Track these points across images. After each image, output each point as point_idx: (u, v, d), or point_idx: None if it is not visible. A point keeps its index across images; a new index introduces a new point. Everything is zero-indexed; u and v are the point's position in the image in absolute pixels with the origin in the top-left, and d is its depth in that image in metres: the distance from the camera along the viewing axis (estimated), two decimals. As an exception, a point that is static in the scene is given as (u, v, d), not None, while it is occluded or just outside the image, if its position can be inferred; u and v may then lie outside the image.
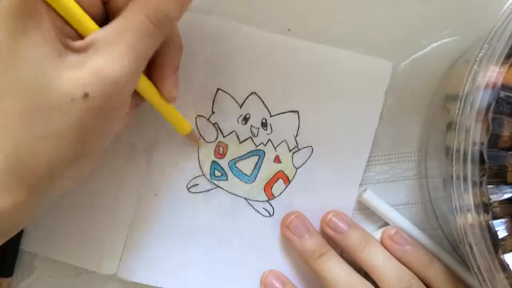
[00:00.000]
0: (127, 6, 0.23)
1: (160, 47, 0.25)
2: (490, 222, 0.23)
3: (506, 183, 0.26)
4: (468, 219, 0.24)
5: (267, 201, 0.32)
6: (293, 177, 0.31)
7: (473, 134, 0.23)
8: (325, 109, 0.31)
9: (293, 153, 0.31)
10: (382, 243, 0.30)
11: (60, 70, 0.21)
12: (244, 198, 0.32)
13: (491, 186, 0.25)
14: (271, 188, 0.31)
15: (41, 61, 0.21)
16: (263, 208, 0.32)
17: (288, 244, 0.31)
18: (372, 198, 0.31)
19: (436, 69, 0.31)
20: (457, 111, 0.24)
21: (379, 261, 0.29)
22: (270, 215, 0.32)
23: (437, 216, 0.31)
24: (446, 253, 0.31)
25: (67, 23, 0.22)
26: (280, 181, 0.31)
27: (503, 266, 0.23)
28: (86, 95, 0.21)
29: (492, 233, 0.23)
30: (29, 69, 0.21)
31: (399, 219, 0.31)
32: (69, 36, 0.23)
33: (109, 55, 0.22)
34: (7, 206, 0.22)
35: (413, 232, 0.31)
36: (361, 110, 0.31)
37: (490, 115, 0.23)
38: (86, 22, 0.23)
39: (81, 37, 0.23)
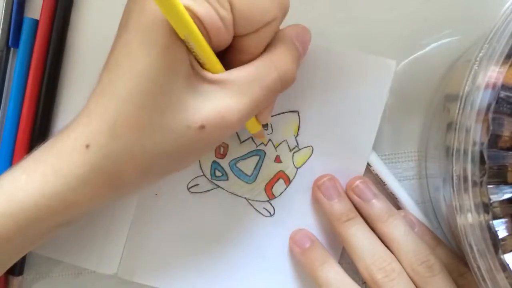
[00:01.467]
0: (262, 57, 0.24)
1: None
2: (490, 222, 0.23)
3: (506, 183, 0.26)
4: (468, 219, 0.24)
5: (267, 201, 0.32)
6: (294, 177, 0.31)
7: (473, 134, 0.23)
8: (325, 109, 0.31)
9: (294, 153, 0.31)
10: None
11: (187, 94, 0.22)
12: (245, 198, 0.32)
13: (491, 186, 0.25)
14: (272, 188, 0.32)
15: (174, 82, 0.22)
16: (263, 208, 0.32)
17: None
18: (378, 164, 0.31)
19: (436, 69, 0.31)
20: (457, 111, 0.24)
21: (400, 232, 0.29)
22: (271, 215, 0.32)
23: (437, 216, 0.31)
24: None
25: (195, 59, 0.23)
26: (281, 181, 0.31)
27: (503, 266, 0.23)
28: (202, 127, 0.23)
29: (492, 233, 0.23)
30: (162, 88, 0.22)
31: (398, 189, 0.32)
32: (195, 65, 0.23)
33: (235, 99, 0.23)
34: (82, 199, 0.23)
35: (411, 207, 0.31)
36: (362, 109, 0.31)
37: (490, 115, 0.23)
38: (215, 60, 0.23)
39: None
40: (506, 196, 0.26)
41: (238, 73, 0.24)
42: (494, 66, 0.23)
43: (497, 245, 0.23)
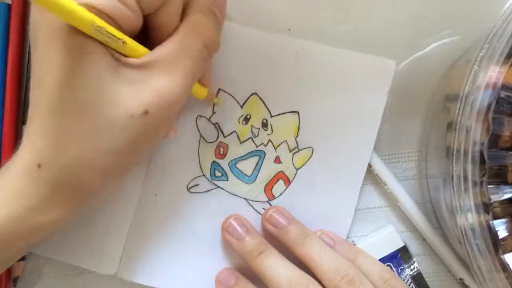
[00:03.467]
0: (181, 29, 0.24)
1: None
2: (491, 222, 0.23)
3: (506, 183, 0.26)
4: (468, 219, 0.24)
5: (267, 201, 0.32)
6: (294, 177, 0.31)
7: (473, 134, 0.23)
8: (325, 110, 0.31)
9: (294, 153, 0.31)
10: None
11: (119, 85, 0.22)
12: (245, 198, 0.32)
13: (491, 186, 0.25)
14: (272, 188, 0.32)
15: (101, 78, 0.22)
16: (263, 208, 0.32)
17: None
18: (378, 164, 0.31)
19: (436, 69, 0.31)
20: (457, 111, 0.24)
21: (316, 252, 0.29)
22: (271, 216, 0.32)
23: (437, 216, 0.31)
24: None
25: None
26: (281, 181, 0.31)
27: (503, 266, 0.23)
28: (146, 112, 0.22)
29: (492, 233, 0.23)
30: (90, 86, 0.22)
31: (398, 189, 0.31)
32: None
33: (169, 76, 0.23)
34: (55, 217, 0.23)
35: (411, 207, 0.31)
36: (363, 110, 0.31)
37: (491, 115, 0.23)
38: (135, 46, 0.23)
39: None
40: (506, 196, 0.26)
41: (162, 50, 0.23)
42: (494, 66, 0.23)
43: (497, 245, 0.23)
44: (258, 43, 0.30)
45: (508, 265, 0.23)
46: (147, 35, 0.25)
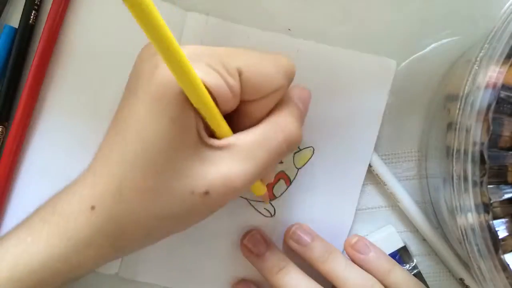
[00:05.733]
0: (267, 120, 0.24)
1: None
2: (491, 222, 0.23)
3: (506, 183, 0.26)
4: (468, 219, 0.24)
5: (268, 201, 0.32)
6: (294, 177, 0.31)
7: (473, 134, 0.23)
8: (326, 109, 0.31)
9: (294, 153, 0.31)
10: (345, 251, 0.31)
11: (192, 161, 0.22)
12: (246, 198, 0.32)
13: (491, 186, 0.25)
14: (272, 188, 0.32)
15: (180, 150, 0.22)
16: (264, 208, 0.32)
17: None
18: (378, 164, 0.31)
19: (436, 69, 0.31)
20: (457, 111, 0.24)
21: (340, 268, 0.29)
22: (272, 216, 0.32)
23: (437, 216, 0.31)
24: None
25: (203, 121, 0.23)
26: (281, 181, 0.32)
27: (503, 266, 0.23)
28: (206, 193, 0.22)
29: (492, 233, 0.23)
30: (167, 154, 0.22)
31: (398, 189, 0.32)
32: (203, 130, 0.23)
33: (241, 164, 0.23)
34: (86, 260, 0.23)
35: (411, 207, 0.31)
36: (363, 109, 0.31)
37: (491, 115, 0.23)
38: (225, 127, 0.23)
39: (211, 133, 0.23)
40: (506, 196, 0.26)
41: (244, 138, 0.23)
42: (494, 66, 0.23)
43: (497, 245, 0.23)
44: (258, 42, 0.30)
45: (508, 265, 0.23)
46: (233, 116, 0.25)
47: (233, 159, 0.23)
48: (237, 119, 0.25)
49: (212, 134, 0.23)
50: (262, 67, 0.23)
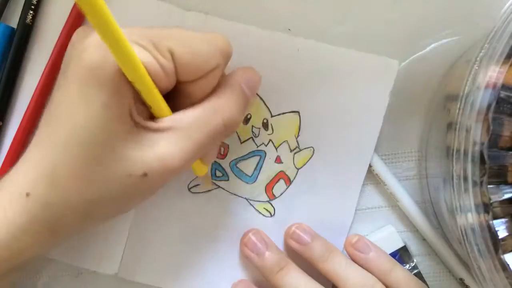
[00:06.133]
0: (206, 102, 0.24)
1: None
2: (491, 222, 0.23)
3: (506, 183, 0.26)
4: (468, 219, 0.24)
5: (268, 201, 0.32)
6: (294, 177, 0.31)
7: (473, 134, 0.23)
8: (326, 109, 0.31)
9: (294, 153, 0.31)
10: (346, 250, 0.31)
11: (125, 143, 0.22)
12: (245, 198, 0.32)
13: (491, 186, 0.25)
14: (272, 188, 0.32)
15: (114, 133, 0.22)
16: (264, 208, 0.32)
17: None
18: (378, 164, 0.31)
19: (436, 69, 0.31)
20: (457, 111, 0.24)
21: (341, 268, 0.29)
22: (271, 216, 0.32)
23: (437, 216, 0.31)
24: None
25: (140, 101, 0.23)
26: (281, 181, 0.31)
27: (503, 266, 0.23)
28: (144, 175, 0.22)
29: (492, 233, 0.23)
30: (100, 137, 0.22)
31: (398, 189, 0.31)
32: (138, 113, 0.23)
33: (177, 145, 0.23)
34: (25, 246, 0.23)
35: (411, 207, 0.31)
36: (364, 109, 0.31)
37: (491, 115, 0.23)
38: (163, 105, 0.23)
39: (149, 115, 0.23)
40: (506, 196, 0.26)
41: (181, 119, 0.23)
42: (494, 66, 0.23)
43: (497, 245, 0.23)
44: (258, 42, 0.30)
45: (508, 265, 0.23)
46: (173, 96, 0.24)
47: (169, 140, 0.23)
48: (178, 100, 0.24)
49: (152, 116, 0.23)
50: (195, 46, 0.23)
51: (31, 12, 0.30)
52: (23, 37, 0.30)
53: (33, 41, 0.31)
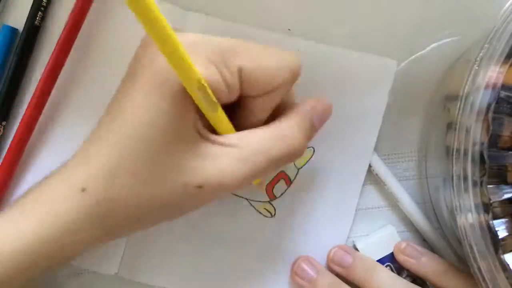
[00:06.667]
0: (274, 128, 0.24)
1: None
2: (490, 222, 0.23)
3: (506, 183, 0.26)
4: (468, 219, 0.24)
5: (268, 201, 0.32)
6: (295, 177, 0.31)
7: (473, 134, 0.23)
8: (326, 109, 0.31)
9: (294, 153, 0.31)
10: (395, 258, 0.31)
11: (188, 156, 0.22)
12: (246, 198, 0.32)
13: (491, 186, 0.25)
14: (273, 188, 0.32)
15: (177, 142, 0.22)
16: (264, 208, 0.32)
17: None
18: (378, 164, 0.31)
19: (436, 69, 0.31)
20: (457, 111, 0.24)
21: (386, 284, 0.29)
22: (272, 216, 0.32)
23: (437, 216, 0.31)
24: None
25: (203, 117, 0.23)
26: (282, 181, 0.31)
27: (503, 266, 0.23)
28: (199, 187, 0.22)
29: (492, 233, 0.23)
30: (164, 145, 0.22)
31: (399, 189, 0.32)
32: (204, 124, 0.23)
33: (238, 164, 0.23)
34: (76, 242, 0.23)
35: (411, 207, 0.31)
36: (364, 109, 0.31)
37: (491, 115, 0.23)
38: (225, 121, 0.23)
39: (213, 128, 0.23)
40: (506, 196, 0.26)
41: (247, 140, 0.23)
42: (494, 66, 0.23)
43: (497, 245, 0.23)
44: (258, 42, 0.30)
45: (508, 265, 0.23)
46: (235, 110, 0.24)
47: (232, 157, 0.23)
48: (239, 113, 0.24)
49: (214, 130, 0.23)
50: (264, 62, 0.23)
51: (40, 13, 0.30)
52: (30, 38, 0.30)
53: (40, 42, 0.31)
